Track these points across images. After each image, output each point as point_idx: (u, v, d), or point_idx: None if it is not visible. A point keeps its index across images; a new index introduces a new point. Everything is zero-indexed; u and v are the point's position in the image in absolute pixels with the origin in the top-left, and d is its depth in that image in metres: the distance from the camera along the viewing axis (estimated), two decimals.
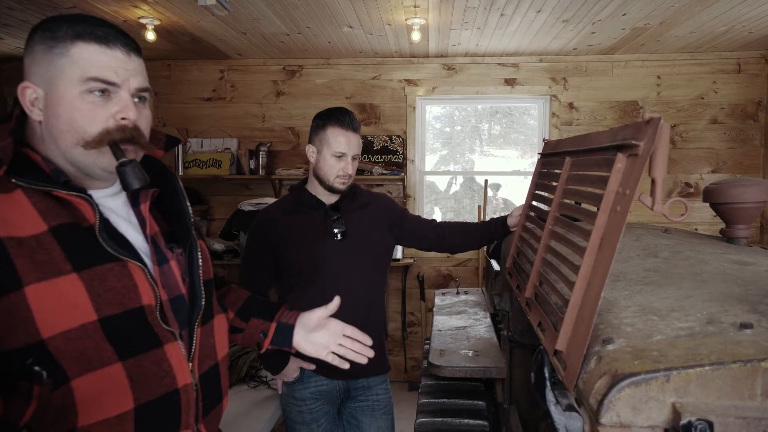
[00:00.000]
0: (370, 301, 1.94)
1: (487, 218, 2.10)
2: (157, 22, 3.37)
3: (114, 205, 0.97)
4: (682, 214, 0.77)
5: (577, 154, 1.15)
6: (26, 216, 0.82)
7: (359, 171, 4.22)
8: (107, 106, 0.89)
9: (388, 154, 4.35)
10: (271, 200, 4.13)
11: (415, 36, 3.42)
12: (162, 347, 0.91)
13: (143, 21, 3.33)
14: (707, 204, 1.52)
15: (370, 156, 4.36)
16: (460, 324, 2.36)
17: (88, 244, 0.86)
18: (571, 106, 4.29)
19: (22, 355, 0.79)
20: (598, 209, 0.87)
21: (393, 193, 4.44)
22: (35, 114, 0.89)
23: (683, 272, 1.10)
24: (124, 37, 0.92)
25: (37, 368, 0.79)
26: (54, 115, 0.88)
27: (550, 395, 0.68)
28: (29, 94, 0.89)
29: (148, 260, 0.95)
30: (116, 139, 0.89)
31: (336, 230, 1.88)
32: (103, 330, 0.84)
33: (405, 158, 4.36)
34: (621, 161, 0.84)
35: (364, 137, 4.36)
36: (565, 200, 1.18)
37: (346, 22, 3.41)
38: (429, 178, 4.80)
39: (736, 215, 1.48)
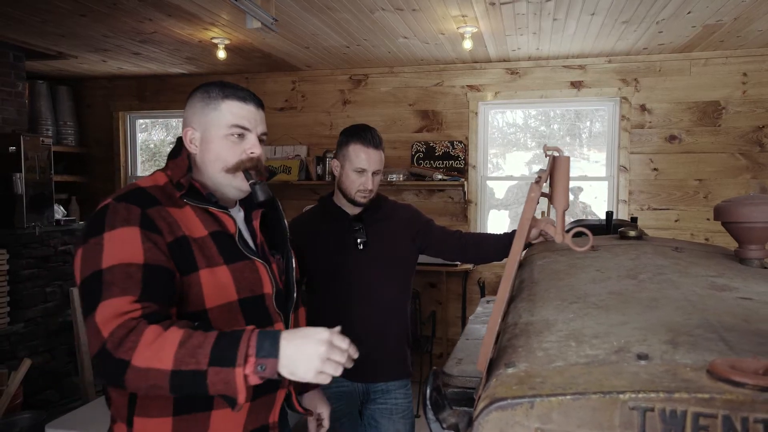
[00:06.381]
0: (392, 309, 2.02)
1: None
2: (227, 42, 3.66)
3: (238, 220, 1.31)
4: (588, 245, 0.79)
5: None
6: (194, 224, 1.18)
7: (420, 176, 4.30)
8: (242, 144, 1.24)
9: (449, 160, 4.39)
10: None
11: (467, 44, 3.44)
12: (273, 325, 1.25)
13: (215, 41, 3.63)
14: None
15: (431, 162, 4.42)
16: None
17: (231, 246, 1.21)
18: (642, 108, 4.08)
19: (193, 317, 1.12)
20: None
21: (454, 198, 4.46)
22: (192, 149, 1.26)
23: (644, 296, 1.08)
24: (255, 97, 1.29)
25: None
26: (207, 150, 1.24)
27: (430, 414, 0.74)
28: (189, 134, 1.25)
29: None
30: (247, 167, 1.24)
31: (358, 240, 1.98)
32: (240, 307, 1.19)
33: (466, 164, 4.37)
34: (534, 191, 0.87)
35: (426, 143, 4.42)
36: None
37: (400, 34, 3.50)
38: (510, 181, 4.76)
39: (746, 235, 1.39)
